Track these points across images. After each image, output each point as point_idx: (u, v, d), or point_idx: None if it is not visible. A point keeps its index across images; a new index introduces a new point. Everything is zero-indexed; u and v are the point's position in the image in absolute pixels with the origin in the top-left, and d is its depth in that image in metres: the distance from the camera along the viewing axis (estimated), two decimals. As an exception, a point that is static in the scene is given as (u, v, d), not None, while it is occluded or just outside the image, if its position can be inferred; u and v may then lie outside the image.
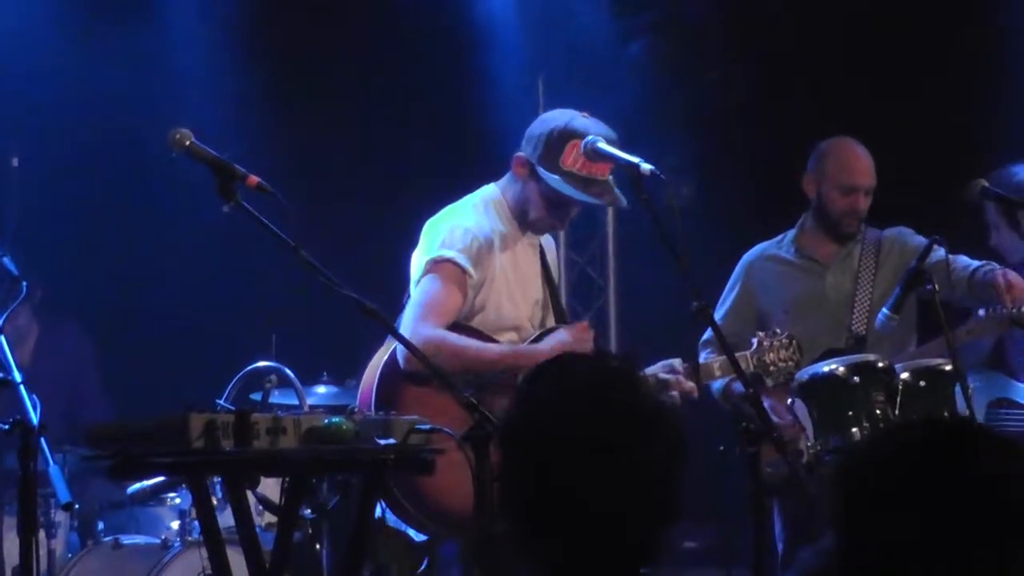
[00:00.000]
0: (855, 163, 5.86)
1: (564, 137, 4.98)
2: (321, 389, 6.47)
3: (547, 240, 5.34)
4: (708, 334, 5.56)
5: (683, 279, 4.45)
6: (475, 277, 4.99)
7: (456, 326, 4.95)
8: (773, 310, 5.84)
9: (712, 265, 6.15)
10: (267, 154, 6.71)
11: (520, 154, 5.08)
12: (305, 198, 6.27)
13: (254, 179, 4.17)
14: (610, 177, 5.02)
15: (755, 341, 5.32)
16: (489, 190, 5.18)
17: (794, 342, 5.35)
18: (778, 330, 5.40)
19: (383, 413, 4.40)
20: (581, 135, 4.96)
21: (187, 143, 4.20)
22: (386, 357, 4.89)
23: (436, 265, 4.97)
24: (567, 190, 4.97)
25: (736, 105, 7.81)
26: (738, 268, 6.05)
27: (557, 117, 5.07)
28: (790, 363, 5.32)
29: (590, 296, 8.42)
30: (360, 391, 4.97)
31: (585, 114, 5.06)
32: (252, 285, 7.29)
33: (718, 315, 5.85)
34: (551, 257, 5.35)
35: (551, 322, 5.23)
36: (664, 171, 4.69)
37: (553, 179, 4.98)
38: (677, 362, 5.02)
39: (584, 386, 2.40)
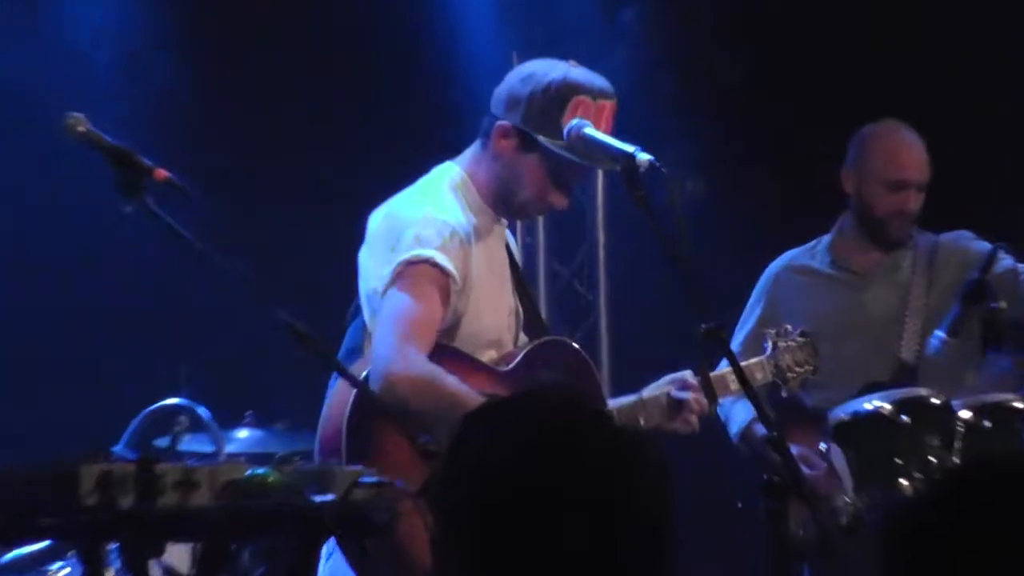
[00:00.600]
0: (903, 153, 5.83)
1: (564, 94, 4.81)
2: (243, 433, 6.44)
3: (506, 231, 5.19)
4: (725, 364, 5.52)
5: (688, 294, 4.36)
6: (458, 280, 4.79)
7: (439, 348, 4.75)
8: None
9: (725, 278, 6.12)
10: (194, 143, 6.71)
11: (503, 123, 4.87)
12: (242, 196, 6.26)
13: (162, 172, 4.11)
14: None
15: (768, 344, 5.27)
16: (451, 172, 4.96)
17: (810, 341, 5.30)
18: (789, 327, 5.34)
19: (349, 462, 4.33)
20: (586, 90, 4.83)
21: (80, 129, 4.15)
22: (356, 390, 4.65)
23: (411, 267, 4.73)
24: (578, 159, 4.80)
25: (753, 82, 7.80)
26: (761, 281, 6.03)
27: (546, 70, 4.88)
28: (807, 367, 5.29)
29: (577, 313, 8.43)
30: (320, 434, 4.74)
31: (573, 62, 4.91)
32: (159, 305, 7.24)
33: (736, 340, 5.82)
34: (515, 250, 5.18)
35: (525, 334, 5.07)
36: (665, 163, 4.56)
37: (559, 148, 4.80)
38: (689, 374, 4.92)
39: (540, 429, 2.40)
